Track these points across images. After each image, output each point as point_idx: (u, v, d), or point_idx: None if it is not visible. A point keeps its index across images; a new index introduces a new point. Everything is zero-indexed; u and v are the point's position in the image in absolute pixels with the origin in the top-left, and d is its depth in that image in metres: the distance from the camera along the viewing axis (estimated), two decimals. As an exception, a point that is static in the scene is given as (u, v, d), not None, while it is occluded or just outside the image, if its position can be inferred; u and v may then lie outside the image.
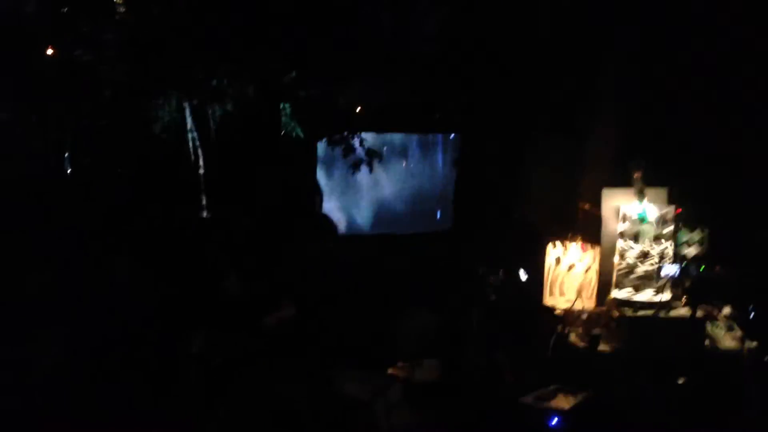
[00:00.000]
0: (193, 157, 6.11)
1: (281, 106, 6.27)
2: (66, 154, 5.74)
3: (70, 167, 5.75)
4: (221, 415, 4.32)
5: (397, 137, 6.94)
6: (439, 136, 7.04)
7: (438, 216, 7.01)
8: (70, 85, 5.53)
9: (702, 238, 4.53)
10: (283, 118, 6.28)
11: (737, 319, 4.40)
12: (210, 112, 6.12)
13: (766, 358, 4.23)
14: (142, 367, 4.63)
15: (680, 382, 4.01)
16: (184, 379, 4.65)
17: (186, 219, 6.07)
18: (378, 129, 6.66)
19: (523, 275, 5.12)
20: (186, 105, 6.07)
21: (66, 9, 5.52)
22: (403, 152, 6.96)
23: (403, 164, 6.91)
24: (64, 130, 5.69)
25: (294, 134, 6.21)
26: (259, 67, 6.02)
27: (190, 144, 6.09)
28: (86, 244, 5.45)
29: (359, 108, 6.47)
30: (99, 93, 5.67)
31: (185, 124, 6.09)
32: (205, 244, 5.85)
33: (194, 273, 5.60)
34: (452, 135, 6.99)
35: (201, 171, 6.15)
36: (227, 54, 5.84)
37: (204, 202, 6.18)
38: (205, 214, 6.21)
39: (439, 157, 7.00)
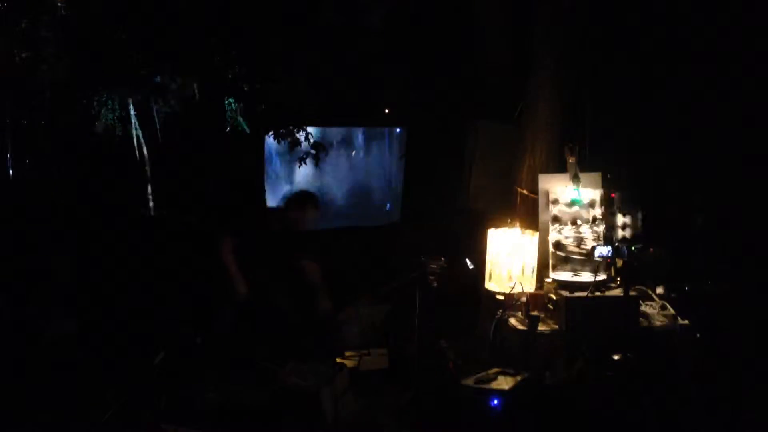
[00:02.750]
0: (137, 156, 6.07)
1: (226, 101, 6.26)
2: (8, 155, 5.65)
3: (11, 168, 5.66)
4: (164, 409, 4.30)
5: (344, 131, 6.98)
6: (386, 130, 7.10)
7: (387, 208, 7.07)
8: (9, 84, 5.44)
9: (636, 221, 4.65)
10: (228, 113, 6.27)
11: (669, 299, 4.53)
12: (154, 109, 6.09)
13: (697, 335, 4.36)
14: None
15: (616, 358, 4.11)
16: (127, 375, 4.62)
17: (132, 218, 6.03)
18: (325, 123, 6.70)
19: (469, 264, 5.18)
20: (129, 103, 6.02)
21: (3, 6, 5.43)
22: (350, 146, 7.00)
23: (351, 158, 6.94)
24: (3, 130, 5.59)
25: (239, 129, 6.21)
26: (203, 63, 6.01)
27: (135, 142, 6.05)
28: (29, 244, 5.39)
29: (305, 103, 6.49)
30: (39, 92, 5.60)
31: (129, 122, 6.04)
32: (152, 242, 5.82)
33: (139, 271, 5.57)
34: (398, 129, 7.06)
35: (146, 168, 6.12)
36: (170, 50, 5.82)
37: (150, 199, 6.15)
38: (151, 212, 6.17)
39: (386, 150, 7.06)
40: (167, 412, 4.26)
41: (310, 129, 6.42)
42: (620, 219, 4.60)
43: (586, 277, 4.44)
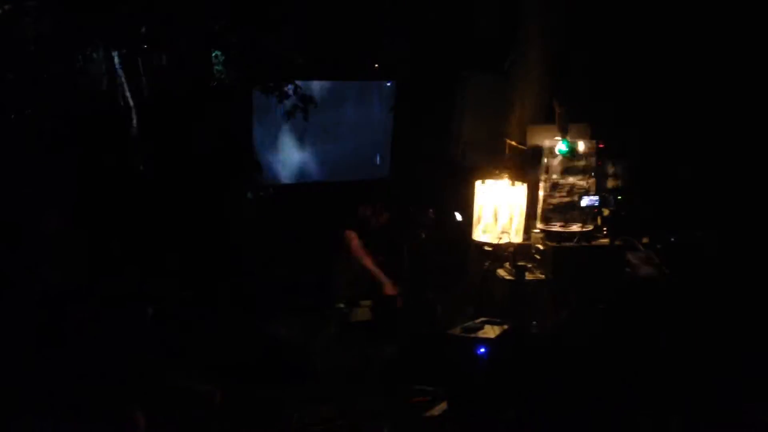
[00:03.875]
0: (124, 110, 6.00)
1: (213, 54, 6.18)
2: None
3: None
4: (153, 366, 4.32)
5: (333, 85, 6.91)
6: (375, 84, 7.03)
7: (377, 162, 7.05)
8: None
9: (624, 172, 4.65)
10: (216, 67, 6.19)
11: (655, 249, 4.56)
12: (140, 62, 6.00)
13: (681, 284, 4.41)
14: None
15: (600, 307, 4.16)
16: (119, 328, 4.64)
17: (119, 174, 5.99)
18: (314, 77, 6.62)
19: (458, 216, 5.20)
20: (115, 56, 5.93)
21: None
22: (339, 100, 6.94)
23: (340, 112, 6.89)
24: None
25: (227, 82, 6.14)
26: (190, 14, 5.90)
27: (121, 96, 5.98)
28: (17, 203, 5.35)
29: (294, 56, 6.41)
30: (22, 46, 5.50)
31: (115, 76, 5.96)
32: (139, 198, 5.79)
33: (131, 227, 5.56)
34: (388, 83, 6.99)
35: (134, 123, 6.05)
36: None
37: (138, 155, 6.10)
38: (140, 168, 6.13)
39: (376, 104, 7.00)
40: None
41: (298, 82, 6.34)
42: (609, 169, 4.61)
43: (574, 227, 4.46)
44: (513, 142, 4.95)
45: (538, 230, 4.55)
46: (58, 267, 5.24)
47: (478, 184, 4.70)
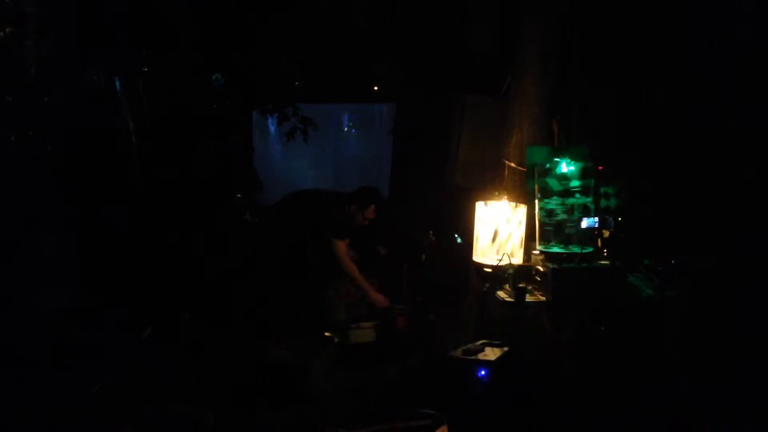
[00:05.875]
0: (124, 133, 6.01)
1: (213, 77, 6.21)
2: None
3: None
4: (149, 389, 4.27)
5: (333, 108, 6.95)
6: (375, 107, 7.08)
7: (376, 185, 7.05)
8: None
9: (622, 193, 4.65)
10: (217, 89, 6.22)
11: (656, 271, 4.54)
12: (140, 84, 6.03)
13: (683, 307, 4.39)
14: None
15: (602, 329, 4.13)
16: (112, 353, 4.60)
17: (118, 195, 5.99)
18: (314, 100, 6.65)
19: (457, 238, 5.19)
20: (116, 79, 5.96)
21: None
22: (339, 123, 6.98)
23: (340, 135, 6.92)
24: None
25: (227, 105, 6.17)
26: (190, 38, 5.94)
27: (121, 119, 6.00)
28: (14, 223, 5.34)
29: (294, 80, 6.45)
30: (23, 69, 5.53)
31: (115, 98, 5.98)
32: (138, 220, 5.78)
33: (127, 246, 5.54)
34: (386, 106, 7.03)
35: (134, 143, 6.06)
36: (156, 25, 5.76)
37: (137, 177, 6.09)
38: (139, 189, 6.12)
39: (375, 127, 7.04)
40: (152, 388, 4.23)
41: (298, 104, 6.37)
42: (607, 190, 4.61)
43: (573, 248, 4.45)
44: (512, 164, 4.96)
45: (537, 251, 4.54)
46: (55, 287, 5.22)
47: (477, 205, 4.70)
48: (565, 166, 4.54)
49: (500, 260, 4.51)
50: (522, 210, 4.63)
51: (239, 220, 5.91)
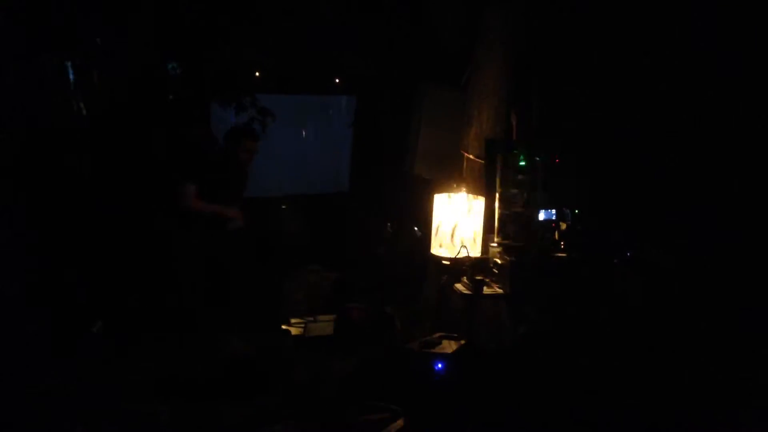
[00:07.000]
0: (77, 121, 5.87)
1: (170, 66, 6.09)
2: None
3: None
4: (108, 383, 4.18)
5: (293, 99, 6.86)
6: (336, 98, 7.01)
7: (336, 177, 7.01)
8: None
9: (580, 187, 4.68)
10: (173, 78, 6.10)
11: (612, 264, 4.59)
12: (95, 72, 5.89)
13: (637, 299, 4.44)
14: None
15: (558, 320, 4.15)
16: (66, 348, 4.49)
17: (70, 184, 5.84)
18: (273, 91, 6.56)
19: (417, 231, 5.17)
20: (69, 65, 5.81)
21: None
22: (299, 114, 6.89)
23: (299, 126, 6.85)
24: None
25: (184, 95, 6.05)
26: (147, 27, 5.82)
27: (74, 107, 5.85)
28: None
29: (253, 70, 6.36)
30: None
31: (68, 85, 5.83)
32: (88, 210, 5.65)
33: (79, 238, 5.41)
34: (347, 97, 6.97)
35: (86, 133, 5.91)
36: (113, 13, 5.62)
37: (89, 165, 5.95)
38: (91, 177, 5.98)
39: (335, 118, 6.98)
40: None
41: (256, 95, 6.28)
42: (564, 183, 4.63)
43: (530, 241, 4.46)
44: (470, 155, 4.95)
45: (495, 244, 4.54)
46: (4, 277, 5.07)
47: (436, 197, 4.67)
48: (522, 158, 4.54)
49: (458, 252, 4.49)
50: (480, 202, 4.61)
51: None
